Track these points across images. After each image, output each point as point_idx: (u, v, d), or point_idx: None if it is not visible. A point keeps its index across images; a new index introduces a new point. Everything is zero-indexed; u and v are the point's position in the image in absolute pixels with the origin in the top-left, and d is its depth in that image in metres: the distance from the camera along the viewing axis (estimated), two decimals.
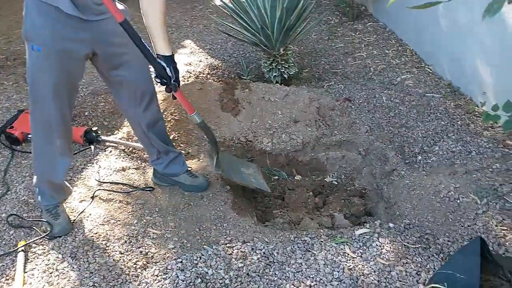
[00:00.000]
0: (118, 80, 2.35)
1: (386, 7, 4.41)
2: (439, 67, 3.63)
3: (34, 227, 2.41)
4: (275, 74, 3.66)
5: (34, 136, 2.33)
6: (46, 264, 2.18)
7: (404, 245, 2.12)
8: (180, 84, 2.26)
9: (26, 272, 2.14)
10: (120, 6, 2.22)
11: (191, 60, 4.11)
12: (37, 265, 2.18)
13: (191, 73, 3.87)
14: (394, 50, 4.10)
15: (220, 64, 4.11)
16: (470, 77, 3.22)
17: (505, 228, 2.17)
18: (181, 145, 3.02)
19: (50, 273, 2.13)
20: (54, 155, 2.35)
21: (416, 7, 1.25)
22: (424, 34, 3.85)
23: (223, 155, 2.72)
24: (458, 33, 3.29)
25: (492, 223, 2.20)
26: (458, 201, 2.38)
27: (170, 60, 2.18)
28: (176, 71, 2.20)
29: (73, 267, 2.16)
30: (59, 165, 2.40)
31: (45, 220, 2.39)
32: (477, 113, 3.05)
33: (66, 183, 2.56)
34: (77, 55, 2.16)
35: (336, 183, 3.12)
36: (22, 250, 2.24)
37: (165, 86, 2.20)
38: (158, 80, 2.18)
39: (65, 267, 2.16)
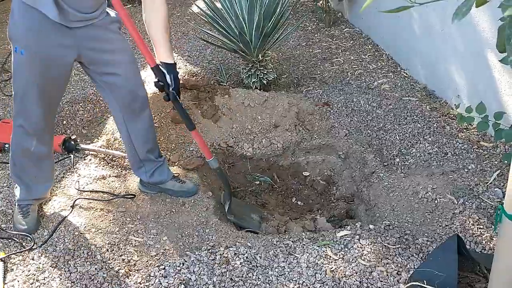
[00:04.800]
0: (108, 85, 2.34)
1: (360, 12, 4.49)
2: (414, 71, 3.71)
3: (14, 238, 2.38)
4: (254, 80, 3.68)
5: (13, 144, 2.35)
6: (26, 275, 2.15)
7: (385, 246, 2.15)
8: (180, 95, 2.27)
9: (6, 284, 2.11)
10: (111, 13, 2.25)
11: None
12: (17, 275, 2.15)
13: None
14: (370, 55, 4.17)
15: (199, 71, 4.12)
16: (444, 81, 3.30)
17: (482, 227, 2.23)
18: (162, 152, 3.01)
19: (31, 284, 2.11)
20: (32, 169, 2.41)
21: (389, 10, 1.29)
22: (398, 39, 3.92)
23: (235, 201, 2.78)
24: (432, 38, 3.37)
25: (469, 222, 2.26)
26: (436, 201, 2.43)
27: (171, 67, 2.20)
28: (176, 79, 2.21)
29: (54, 277, 2.13)
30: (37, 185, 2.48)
31: (24, 234, 2.38)
32: (452, 115, 3.12)
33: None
34: (61, 61, 2.16)
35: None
36: (2, 261, 2.21)
37: (164, 94, 2.23)
38: (157, 87, 2.21)
39: (46, 277, 2.14)
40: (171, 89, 2.21)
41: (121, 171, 2.90)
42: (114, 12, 2.24)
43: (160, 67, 2.20)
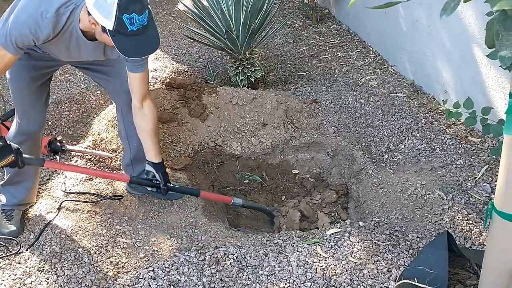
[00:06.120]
0: (105, 85, 2.47)
1: (348, 7, 4.49)
2: (402, 67, 3.71)
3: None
4: (241, 78, 3.66)
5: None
6: (13, 279, 2.11)
7: (375, 243, 2.15)
8: (170, 184, 2.43)
9: None
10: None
11: (156, 66, 4.07)
12: (3, 280, 2.11)
13: (156, 79, 3.83)
14: (357, 51, 4.17)
15: (186, 69, 4.09)
16: (431, 76, 3.30)
17: (471, 222, 2.23)
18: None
19: None
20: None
21: (376, 7, 1.28)
22: (386, 35, 3.92)
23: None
24: (419, 34, 3.37)
25: (458, 217, 2.26)
26: (425, 197, 2.43)
27: (159, 166, 2.37)
28: (164, 175, 2.37)
29: (41, 281, 2.10)
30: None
31: (10, 237, 2.35)
32: (439, 111, 3.12)
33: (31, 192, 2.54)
34: (51, 70, 2.34)
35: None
36: None
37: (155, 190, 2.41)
38: (149, 189, 2.42)
39: (32, 281, 2.10)
40: (162, 185, 2.36)
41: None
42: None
43: (147, 165, 2.39)
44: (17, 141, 2.30)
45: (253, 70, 3.68)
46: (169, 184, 2.41)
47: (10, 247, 2.32)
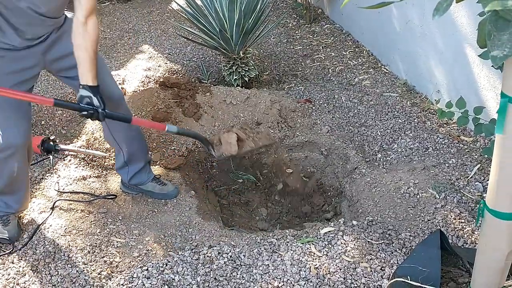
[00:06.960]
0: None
1: (340, 7, 4.50)
2: (395, 67, 3.73)
3: None
4: (235, 77, 3.66)
5: None
6: (6, 279, 2.11)
7: (368, 241, 2.16)
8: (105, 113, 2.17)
9: None
10: (69, 15, 2.23)
11: (150, 65, 4.06)
12: None
13: (150, 78, 3.82)
14: (351, 51, 4.19)
15: (180, 69, 4.09)
16: (424, 76, 3.32)
17: (463, 220, 2.25)
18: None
19: None
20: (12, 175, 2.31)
21: (370, 7, 1.29)
22: (379, 35, 3.94)
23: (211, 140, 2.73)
24: (412, 33, 3.39)
25: (451, 216, 2.28)
26: (418, 196, 2.45)
27: (96, 90, 2.13)
28: (103, 100, 2.15)
29: (35, 281, 2.10)
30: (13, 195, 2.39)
31: (3, 237, 2.32)
32: (432, 110, 3.15)
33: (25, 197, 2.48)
34: (28, 75, 2.21)
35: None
36: None
37: (91, 117, 2.14)
38: (85, 113, 2.11)
39: (26, 280, 2.10)
40: (100, 110, 2.13)
41: (102, 171, 2.86)
42: (71, 14, 2.19)
43: (82, 89, 2.12)
44: (6, 155, 2.19)
45: (247, 69, 3.69)
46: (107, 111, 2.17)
47: (3, 247, 2.30)
